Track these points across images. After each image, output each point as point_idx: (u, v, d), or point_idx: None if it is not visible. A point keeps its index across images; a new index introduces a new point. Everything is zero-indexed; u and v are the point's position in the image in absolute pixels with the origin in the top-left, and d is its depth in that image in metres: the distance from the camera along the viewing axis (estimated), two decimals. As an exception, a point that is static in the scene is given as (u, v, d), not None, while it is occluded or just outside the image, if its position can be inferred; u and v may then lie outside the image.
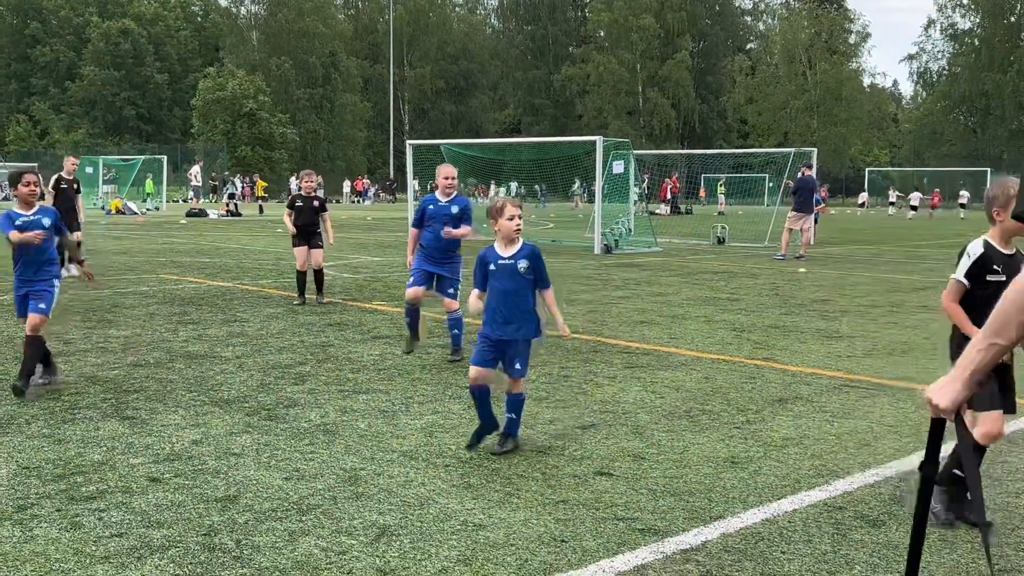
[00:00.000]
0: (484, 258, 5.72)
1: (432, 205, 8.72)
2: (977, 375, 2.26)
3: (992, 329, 2.19)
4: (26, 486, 4.94)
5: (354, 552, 4.14)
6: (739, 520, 4.57)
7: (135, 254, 20.06)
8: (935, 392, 2.35)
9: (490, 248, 5.71)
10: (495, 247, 5.70)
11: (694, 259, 21.18)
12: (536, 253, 5.67)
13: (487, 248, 5.72)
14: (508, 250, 5.67)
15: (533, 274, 5.64)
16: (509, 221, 5.60)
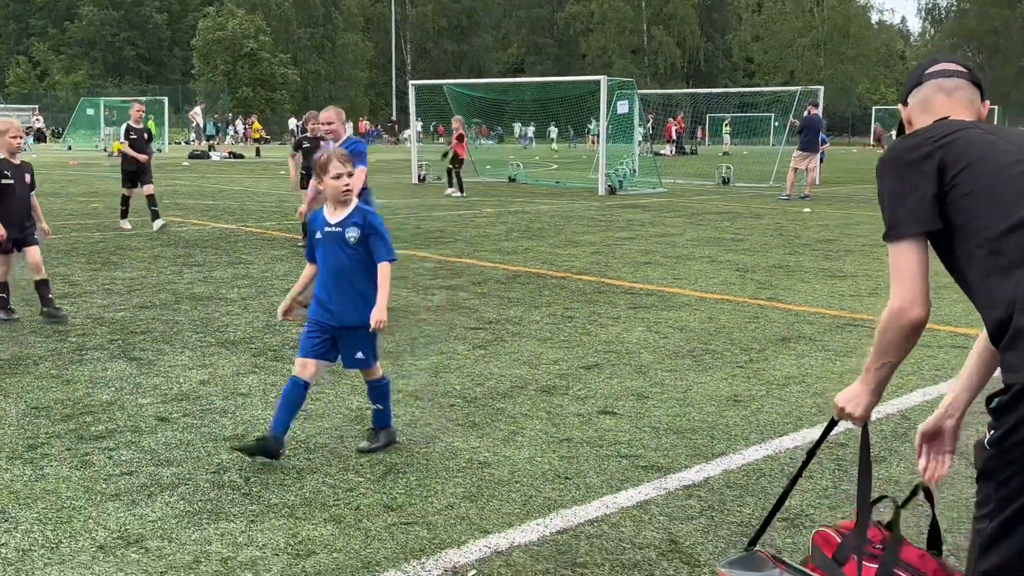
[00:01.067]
0: (311, 223, 4.72)
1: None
2: (881, 387, 2.48)
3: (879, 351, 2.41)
4: (36, 426, 5.00)
5: (361, 489, 4.19)
6: (741, 457, 4.62)
7: (139, 196, 20.00)
8: (847, 401, 2.55)
9: (320, 211, 4.70)
10: (323, 210, 4.67)
11: (698, 200, 21.09)
12: (371, 220, 4.59)
13: (317, 211, 4.73)
14: (336, 215, 4.59)
15: (366, 246, 4.57)
16: (335, 180, 4.52)
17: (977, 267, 2.21)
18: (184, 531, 3.75)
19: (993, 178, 2.19)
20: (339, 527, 3.79)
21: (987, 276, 2.19)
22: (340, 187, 4.51)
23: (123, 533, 3.73)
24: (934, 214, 2.26)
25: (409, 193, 22.27)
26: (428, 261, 11.05)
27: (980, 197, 2.19)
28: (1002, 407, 2.09)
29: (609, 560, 3.53)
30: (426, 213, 17.16)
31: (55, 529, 3.75)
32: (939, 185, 2.25)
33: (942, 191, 2.25)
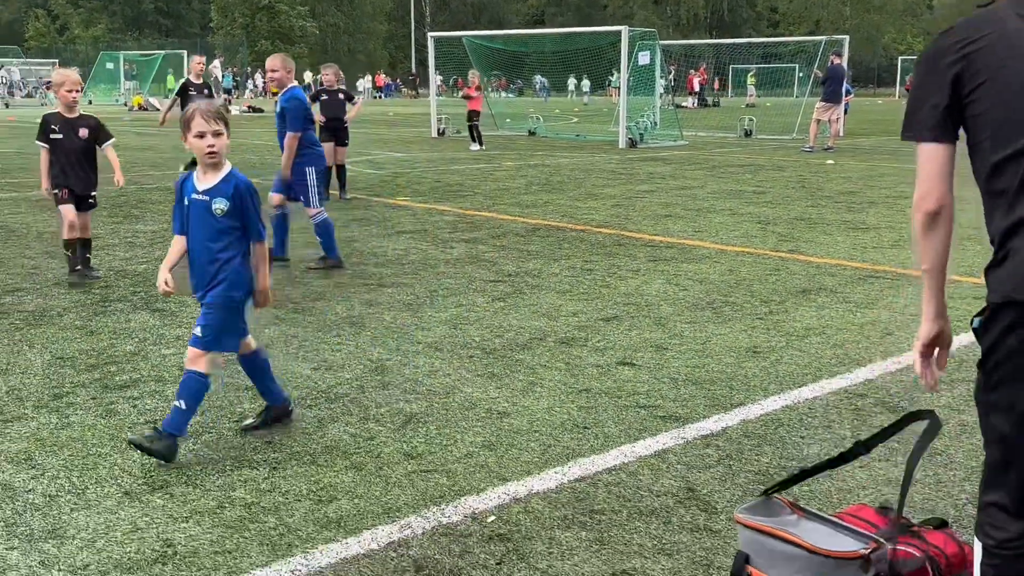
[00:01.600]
0: (179, 188, 4.14)
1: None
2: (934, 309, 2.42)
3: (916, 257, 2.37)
4: (61, 375, 5.07)
5: (381, 438, 4.24)
6: (759, 407, 4.63)
7: (160, 150, 20.06)
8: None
9: (190, 175, 4.11)
10: (194, 175, 4.09)
11: (720, 152, 20.91)
12: (243, 189, 4.00)
13: (187, 174, 4.13)
14: (204, 181, 4.02)
15: (237, 219, 4.00)
16: (198, 140, 3.92)
17: (982, 190, 2.22)
18: (208, 477, 3.81)
19: (1010, 96, 2.12)
20: (360, 474, 3.84)
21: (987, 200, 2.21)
22: (203, 148, 3.90)
23: (148, 479, 3.79)
24: (946, 127, 2.23)
25: (428, 147, 22.19)
26: (447, 214, 11.05)
27: (990, 119, 2.15)
28: (981, 326, 2.19)
29: (627, 507, 3.56)
30: (445, 167, 17.11)
31: (81, 475, 3.82)
32: (953, 98, 2.20)
33: (960, 104, 2.20)
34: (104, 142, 7.28)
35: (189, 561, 3.16)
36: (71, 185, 7.17)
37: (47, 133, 7.12)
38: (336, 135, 12.27)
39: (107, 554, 3.21)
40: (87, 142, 7.19)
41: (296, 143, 7.69)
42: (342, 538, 3.32)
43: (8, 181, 13.90)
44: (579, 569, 3.12)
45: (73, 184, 7.17)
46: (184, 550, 3.23)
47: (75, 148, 7.14)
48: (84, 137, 7.17)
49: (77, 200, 7.22)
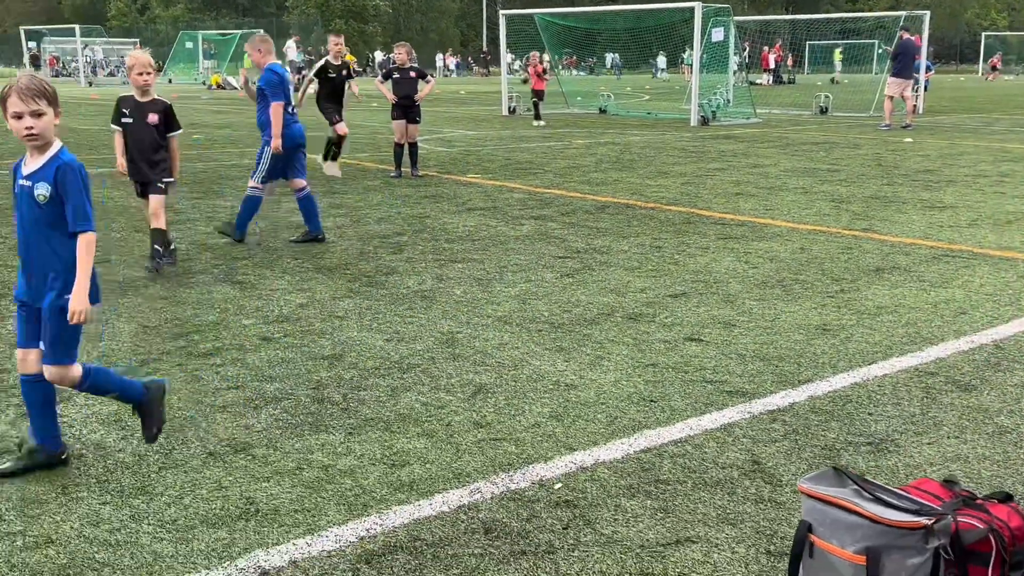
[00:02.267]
0: (12, 173, 3.69)
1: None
2: None
3: None
4: (147, 343, 5.30)
5: (452, 407, 4.36)
6: (827, 384, 4.64)
7: (237, 127, 20.50)
8: None
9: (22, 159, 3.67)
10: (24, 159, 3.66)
11: (794, 130, 20.60)
12: (65, 169, 3.52)
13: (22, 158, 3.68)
14: (29, 164, 3.60)
15: (60, 206, 3.53)
16: (15, 121, 3.51)
17: None
18: (287, 441, 3.98)
19: None
20: (431, 441, 3.97)
21: None
22: (21, 130, 3.49)
23: (231, 441, 3.97)
24: None
25: (499, 125, 22.28)
26: (517, 192, 11.14)
27: None
28: None
29: (692, 478, 3.62)
30: (516, 145, 17.18)
31: (168, 437, 4.02)
32: None
33: None
34: (171, 131, 6.97)
35: (271, 518, 3.31)
36: (136, 174, 6.97)
37: (120, 116, 6.95)
38: (407, 113, 12.42)
39: (193, 510, 3.38)
40: (156, 127, 6.89)
41: (281, 111, 7.85)
42: (414, 500, 3.44)
43: (94, 157, 14.36)
44: (643, 535, 3.20)
45: (138, 172, 6.95)
46: (266, 508, 3.39)
47: (143, 133, 6.90)
48: (153, 123, 6.88)
49: (143, 186, 7.00)
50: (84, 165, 3.60)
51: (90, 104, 29.75)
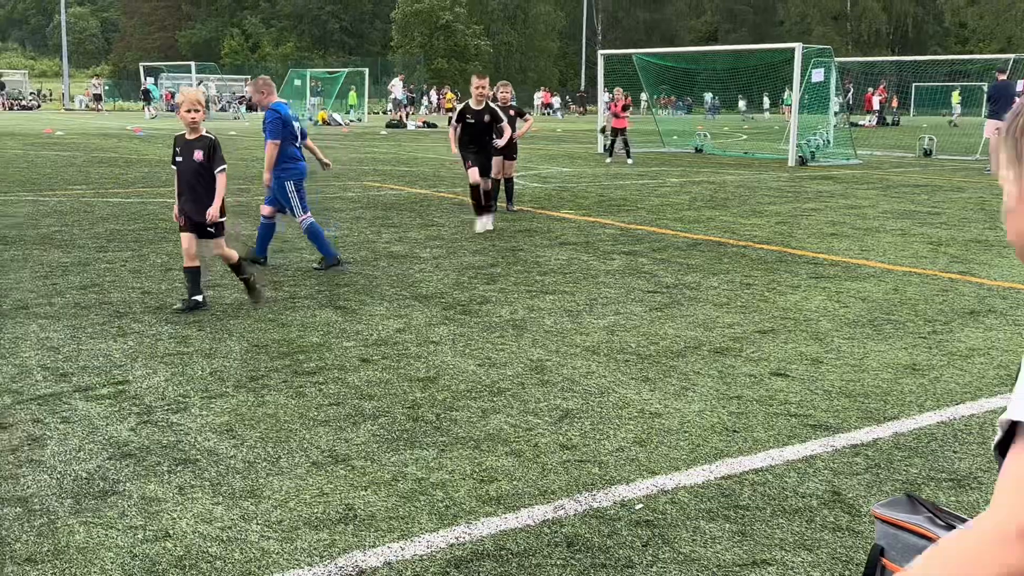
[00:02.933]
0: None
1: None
2: None
3: None
4: (257, 361, 5.64)
5: (540, 430, 4.55)
6: (913, 421, 4.68)
7: (342, 163, 21.19)
8: None
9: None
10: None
11: (895, 172, 20.29)
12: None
13: None
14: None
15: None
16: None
17: None
18: (384, 454, 4.22)
19: None
20: (519, 460, 4.16)
21: None
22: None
23: (332, 453, 4.23)
24: None
25: (594, 162, 22.52)
26: (609, 228, 11.31)
27: None
28: None
29: (771, 505, 3.72)
30: (610, 182, 17.38)
31: (275, 446, 4.30)
32: None
33: None
34: (217, 167, 6.79)
35: (368, 523, 3.54)
36: (187, 211, 6.82)
37: (173, 155, 6.92)
38: (504, 150, 12.73)
39: (298, 513, 3.64)
40: (202, 165, 6.76)
41: (274, 151, 8.31)
42: (501, 513, 3.63)
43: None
44: (720, 556, 3.32)
45: (189, 210, 6.81)
46: (363, 514, 3.62)
47: (191, 170, 6.78)
48: (199, 160, 6.76)
49: (196, 227, 6.82)
50: None
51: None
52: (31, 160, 19.97)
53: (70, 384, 5.15)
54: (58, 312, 6.74)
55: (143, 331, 6.27)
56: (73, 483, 3.89)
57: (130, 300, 7.14)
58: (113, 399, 4.91)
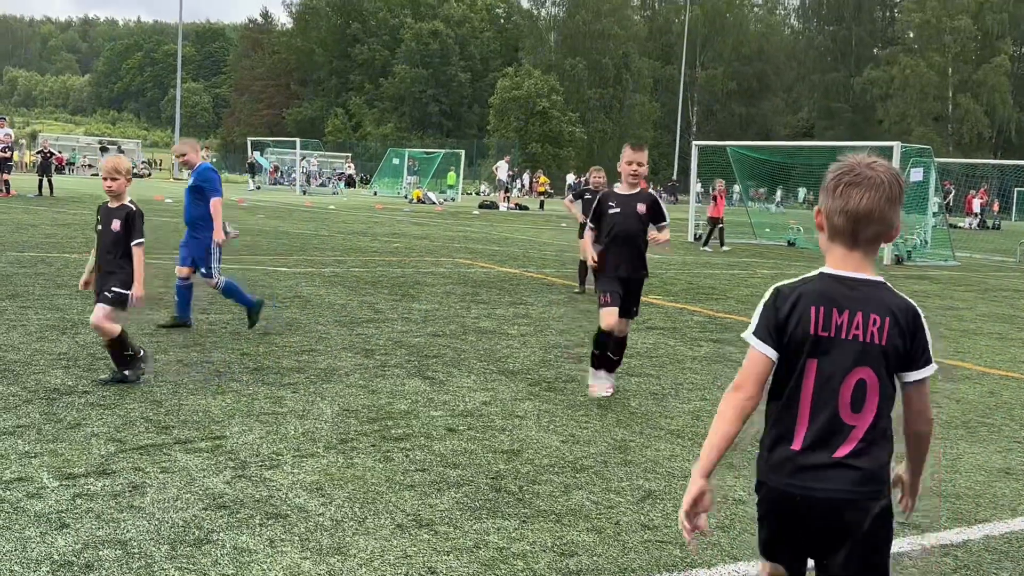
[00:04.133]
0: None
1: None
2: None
3: None
4: (347, 424, 5.80)
5: (621, 508, 4.57)
6: (1005, 525, 4.56)
7: (434, 239, 21.68)
8: None
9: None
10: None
11: (995, 276, 19.82)
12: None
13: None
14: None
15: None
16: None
17: None
18: (466, 522, 4.29)
19: None
20: (599, 536, 4.19)
21: None
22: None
23: (417, 517, 4.32)
24: None
25: (684, 250, 22.55)
26: (698, 315, 11.30)
27: None
28: None
29: (854, 599, 3.66)
30: (700, 270, 17.37)
31: (362, 507, 4.41)
32: None
33: None
34: (134, 239, 6.38)
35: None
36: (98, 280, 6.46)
37: (96, 222, 6.57)
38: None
39: (382, 573, 3.72)
40: (117, 234, 6.36)
41: (220, 207, 8.57)
42: (581, 587, 3.66)
43: (305, 258, 15.60)
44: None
45: (99, 279, 6.45)
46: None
47: (106, 240, 6.40)
48: (116, 229, 6.36)
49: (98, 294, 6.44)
50: None
51: (304, 210, 32.13)
52: (142, 224, 20.93)
53: (170, 436, 5.37)
54: (161, 368, 7.04)
55: (240, 390, 6.51)
56: (170, 530, 4.05)
57: (229, 360, 7.42)
58: (210, 452, 5.11)
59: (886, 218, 2.51)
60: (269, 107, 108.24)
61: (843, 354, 2.47)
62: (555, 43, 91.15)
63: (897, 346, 2.49)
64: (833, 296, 2.50)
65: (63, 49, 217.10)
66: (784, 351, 2.51)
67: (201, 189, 8.73)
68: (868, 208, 2.47)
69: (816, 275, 2.56)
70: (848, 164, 2.53)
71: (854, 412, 2.48)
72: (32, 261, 12.90)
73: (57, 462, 4.83)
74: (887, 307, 2.51)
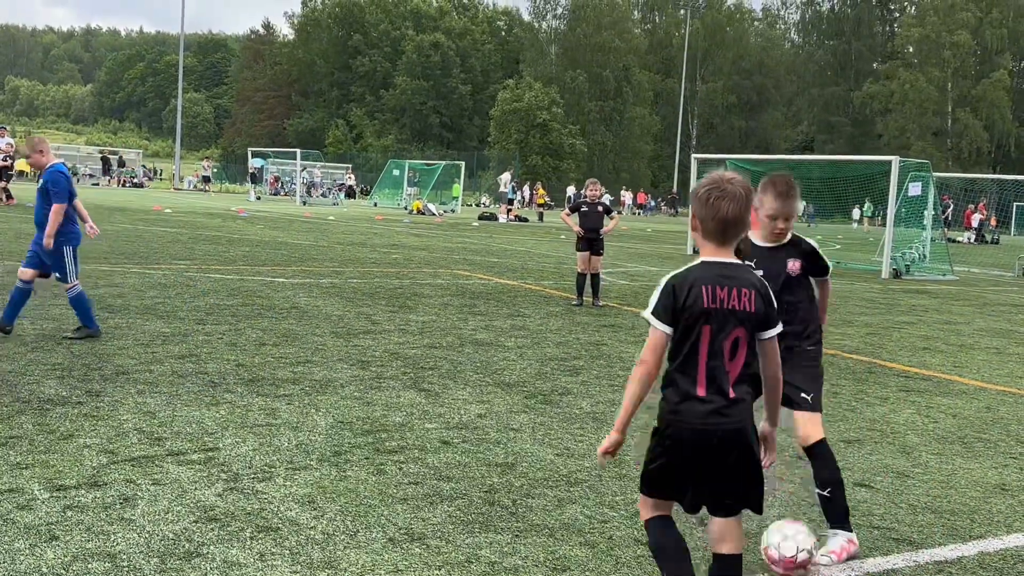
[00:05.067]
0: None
1: None
2: None
3: None
4: (341, 436, 5.78)
5: (615, 522, 4.55)
6: (1000, 542, 4.54)
7: (433, 250, 21.67)
8: None
9: None
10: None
11: (993, 290, 19.81)
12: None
13: None
14: None
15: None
16: None
17: None
18: (459, 536, 4.27)
19: None
20: (592, 551, 4.16)
21: None
22: None
23: (409, 530, 4.30)
24: None
25: (682, 263, 22.46)
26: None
27: None
28: None
29: (847, 616, 3.64)
30: (699, 284, 17.33)
31: (354, 521, 4.39)
32: None
33: None
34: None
35: (438, 601, 3.58)
36: None
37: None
38: (592, 245, 12.93)
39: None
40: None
41: (61, 214, 8.18)
42: (572, 602, 3.63)
43: (303, 269, 15.59)
44: (793, 663, 3.25)
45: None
46: (435, 592, 3.66)
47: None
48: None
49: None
50: None
51: (303, 221, 32.13)
52: (140, 235, 20.94)
53: (163, 448, 5.35)
54: (156, 379, 7.02)
55: (235, 401, 6.49)
56: (160, 543, 4.03)
57: (224, 371, 7.40)
58: (203, 465, 5.09)
59: (744, 221, 3.30)
60: (270, 118, 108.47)
61: (726, 320, 3.22)
62: (556, 56, 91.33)
63: (759, 312, 3.26)
64: (716, 278, 3.25)
65: (65, 59, 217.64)
66: (682, 324, 3.23)
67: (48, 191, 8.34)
68: (734, 215, 3.27)
69: (699, 264, 3.31)
70: (714, 180, 3.34)
71: (731, 361, 3.24)
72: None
73: (48, 473, 4.81)
74: (752, 283, 3.27)
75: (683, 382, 3.26)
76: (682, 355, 3.26)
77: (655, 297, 3.27)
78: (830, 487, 4.34)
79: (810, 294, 4.74)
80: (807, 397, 4.58)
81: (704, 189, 3.35)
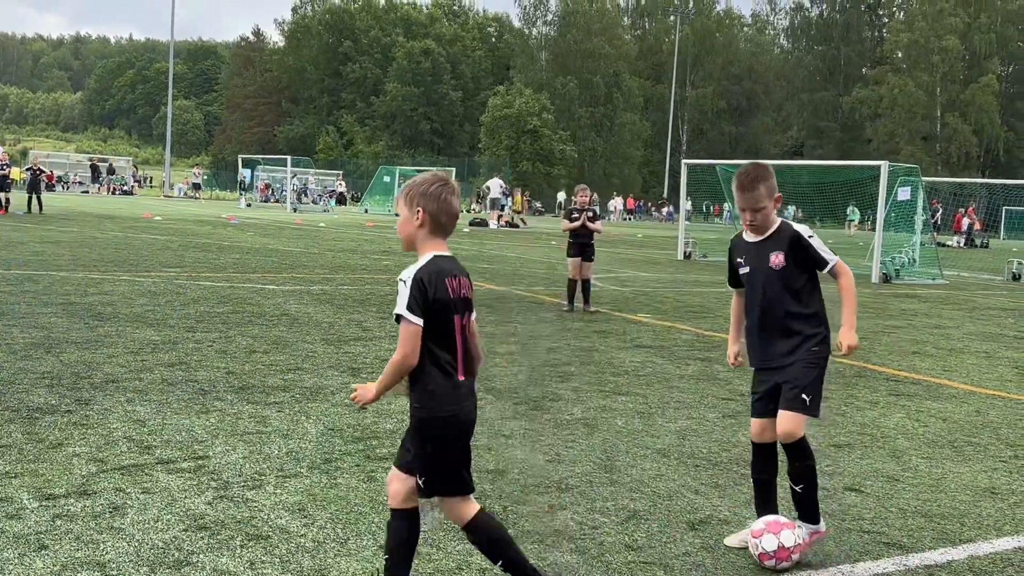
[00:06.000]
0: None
1: None
2: None
3: None
4: (331, 444, 5.77)
5: (606, 528, 4.55)
6: (990, 545, 4.55)
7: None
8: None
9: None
10: None
11: (983, 294, 19.89)
12: None
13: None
14: None
15: None
16: None
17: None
18: (450, 543, 4.26)
19: None
20: (583, 557, 4.16)
21: None
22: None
23: (399, 537, 4.28)
24: None
25: (673, 268, 22.59)
26: (686, 333, 11.31)
27: None
28: None
29: (838, 620, 3.65)
30: (688, 288, 17.40)
31: (344, 528, 4.38)
32: None
33: None
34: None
35: (429, 609, 3.58)
36: None
37: None
38: (583, 251, 12.96)
39: (362, 594, 3.69)
40: None
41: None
42: (563, 609, 3.63)
43: (293, 276, 15.57)
44: (784, 668, 3.26)
45: None
46: (426, 599, 3.66)
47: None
48: None
49: None
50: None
51: (294, 228, 32.09)
52: (129, 242, 20.88)
53: (153, 456, 5.33)
54: (146, 387, 7.00)
55: (225, 409, 6.47)
56: (150, 552, 4.01)
57: (215, 379, 7.38)
58: (192, 473, 5.07)
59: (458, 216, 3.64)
60: (260, 125, 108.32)
61: (462, 306, 3.49)
62: (546, 62, 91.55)
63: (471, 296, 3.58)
64: (450, 270, 3.50)
65: (55, 66, 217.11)
66: (434, 315, 3.41)
67: None
68: (457, 210, 3.62)
69: (432, 258, 3.51)
70: (440, 178, 3.63)
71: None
72: (18, 279, 12.84)
73: (37, 482, 4.78)
74: (464, 272, 3.58)
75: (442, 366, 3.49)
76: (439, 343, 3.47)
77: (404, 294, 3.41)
78: (802, 483, 4.29)
79: (810, 287, 4.75)
80: (806, 398, 4.57)
81: (434, 186, 3.56)
